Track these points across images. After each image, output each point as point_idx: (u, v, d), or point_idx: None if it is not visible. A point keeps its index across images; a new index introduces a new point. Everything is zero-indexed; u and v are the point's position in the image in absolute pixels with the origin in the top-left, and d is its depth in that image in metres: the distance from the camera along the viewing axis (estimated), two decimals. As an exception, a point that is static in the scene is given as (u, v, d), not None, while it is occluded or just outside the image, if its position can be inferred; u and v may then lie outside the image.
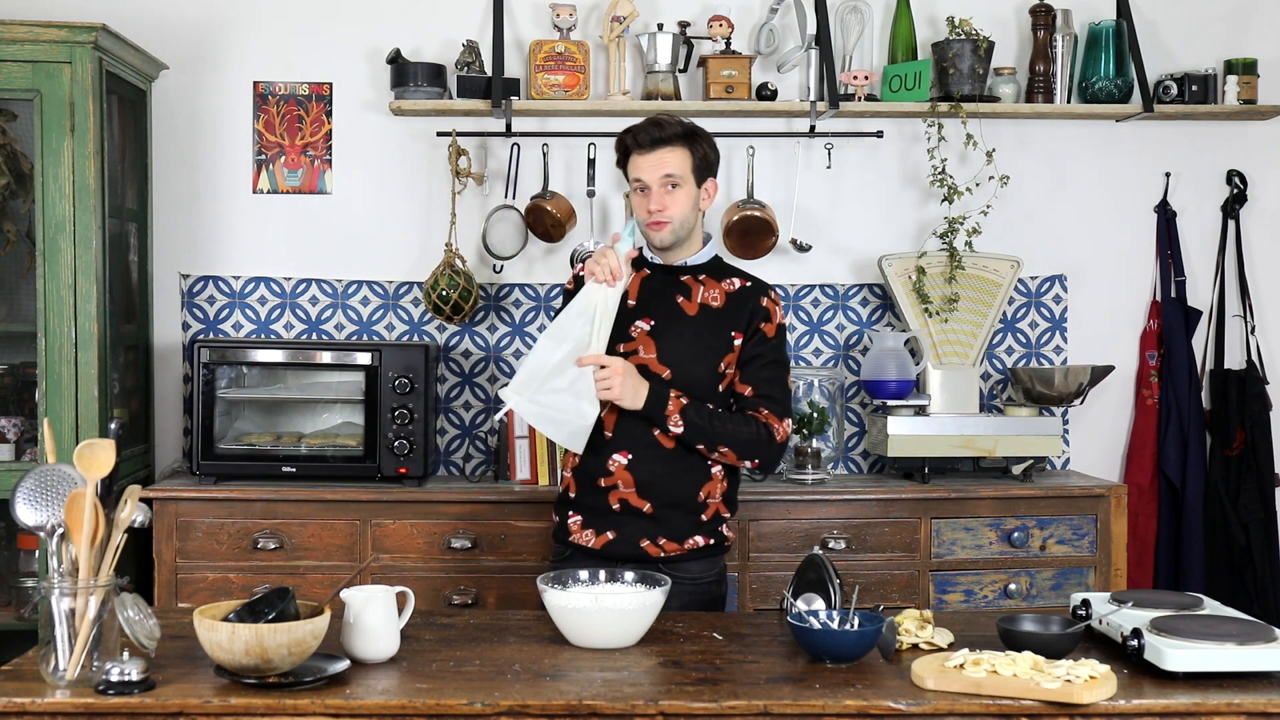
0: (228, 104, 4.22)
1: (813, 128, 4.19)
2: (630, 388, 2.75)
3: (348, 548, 3.74)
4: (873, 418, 4.18)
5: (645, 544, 2.82)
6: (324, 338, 4.24)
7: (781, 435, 2.84)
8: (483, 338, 4.27)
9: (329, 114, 4.24)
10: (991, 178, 4.24)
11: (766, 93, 4.17)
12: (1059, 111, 4.24)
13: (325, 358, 3.90)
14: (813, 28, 4.19)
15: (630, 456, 2.82)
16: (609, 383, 2.74)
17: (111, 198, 3.78)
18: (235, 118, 4.22)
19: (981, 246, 4.21)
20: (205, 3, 4.20)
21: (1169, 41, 4.37)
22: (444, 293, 4.02)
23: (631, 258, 2.83)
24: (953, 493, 3.88)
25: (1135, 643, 2.24)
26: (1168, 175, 4.39)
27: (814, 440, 4.04)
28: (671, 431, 2.79)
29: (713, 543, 2.88)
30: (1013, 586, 3.86)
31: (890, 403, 4.07)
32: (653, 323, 2.86)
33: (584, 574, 2.56)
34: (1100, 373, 4.15)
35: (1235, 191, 4.38)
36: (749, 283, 2.92)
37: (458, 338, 4.26)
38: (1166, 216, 4.39)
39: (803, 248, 4.22)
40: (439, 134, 4.16)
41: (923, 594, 3.83)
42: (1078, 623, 2.38)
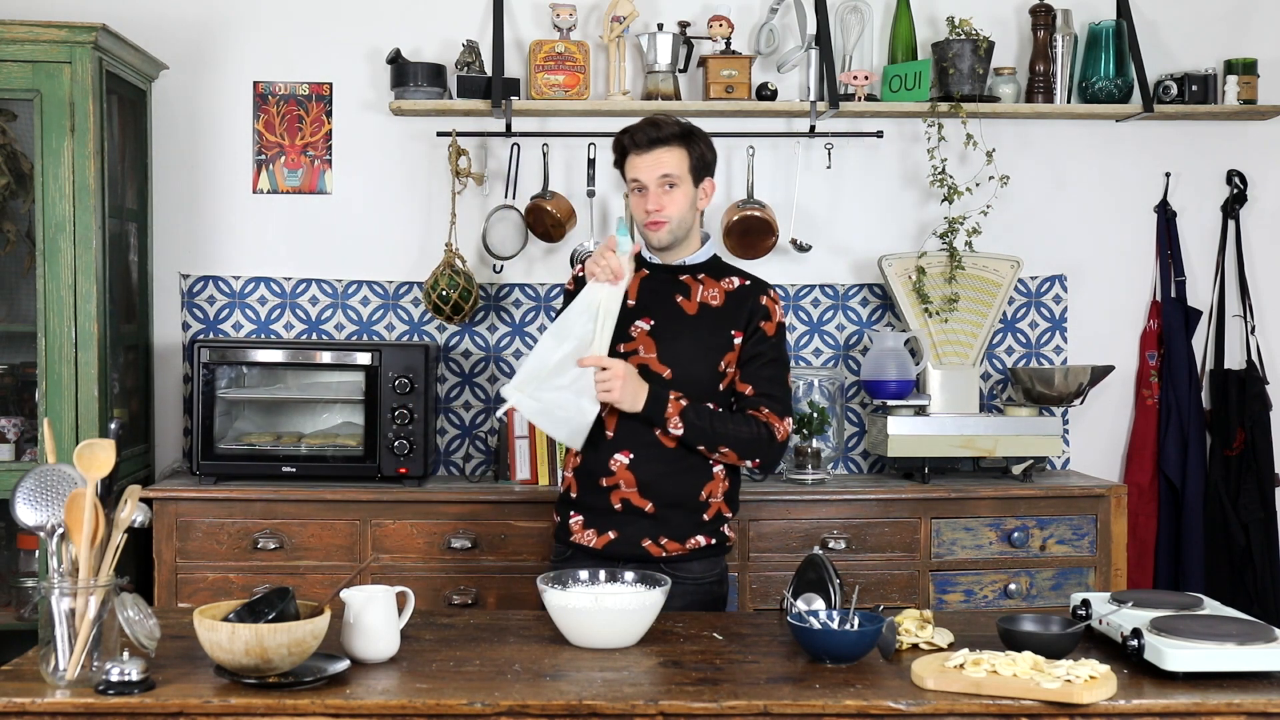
0: (228, 104, 4.22)
1: (813, 128, 4.19)
2: (630, 391, 2.75)
3: (348, 548, 3.74)
4: (873, 418, 4.18)
5: (647, 544, 2.82)
6: (324, 338, 4.24)
7: (782, 434, 2.84)
8: (483, 338, 4.27)
9: (329, 114, 4.24)
10: (991, 178, 4.24)
11: (766, 93, 4.17)
12: (1059, 111, 4.24)
13: (325, 358, 3.90)
14: (813, 28, 4.19)
15: (632, 456, 2.82)
16: (609, 385, 2.73)
17: (111, 198, 3.78)
18: (235, 118, 4.22)
19: (981, 246, 4.21)
20: (205, 3, 4.20)
21: (1169, 41, 4.37)
22: (444, 293, 4.02)
23: (634, 254, 2.83)
24: (953, 493, 3.88)
25: (1135, 643, 2.24)
26: (1168, 175, 4.39)
27: (814, 440, 4.04)
28: (671, 433, 2.79)
29: (714, 542, 2.87)
30: (1013, 586, 3.86)
31: (890, 403, 4.07)
32: (652, 322, 2.86)
33: (584, 574, 2.56)
34: (1100, 373, 4.15)
35: (1235, 191, 4.38)
36: (748, 281, 2.92)
37: (458, 338, 4.26)
38: (1166, 216, 4.39)
39: (803, 248, 4.22)
40: (439, 134, 4.16)
41: (923, 594, 3.83)
42: (1078, 623, 2.38)
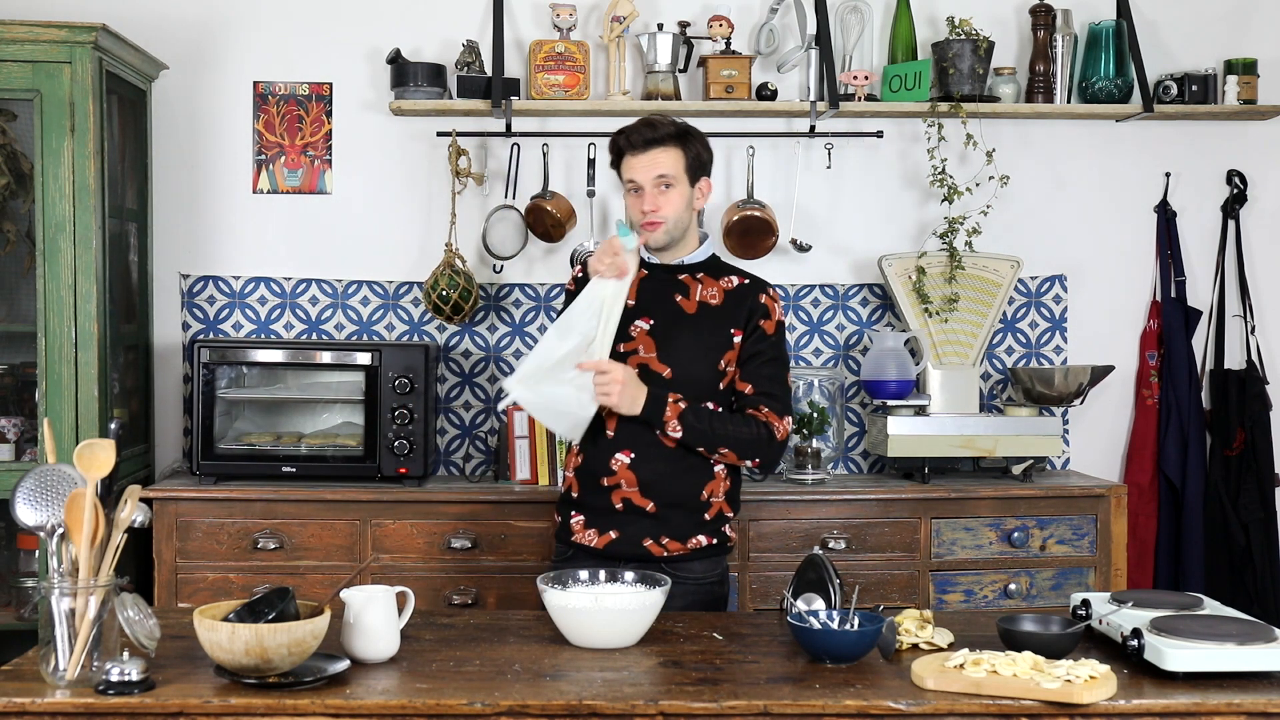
0: (228, 104, 4.22)
1: (813, 128, 4.19)
2: (629, 396, 2.75)
3: (348, 548, 3.74)
4: (873, 418, 4.18)
5: (648, 543, 2.82)
6: (324, 338, 4.24)
7: (782, 433, 2.84)
8: (483, 338, 4.27)
9: (329, 114, 4.24)
10: (991, 178, 4.24)
11: (766, 93, 4.17)
12: (1059, 111, 4.24)
13: (325, 358, 3.90)
14: (813, 28, 4.18)
15: (633, 455, 2.82)
16: (607, 390, 2.74)
17: (111, 198, 3.78)
18: (235, 118, 4.22)
19: (981, 246, 4.21)
20: (205, 3, 4.20)
21: (1169, 41, 4.37)
22: (444, 293, 4.02)
23: (640, 245, 2.82)
24: (953, 493, 3.88)
25: (1135, 643, 2.24)
26: (1168, 175, 4.39)
27: (814, 440, 4.04)
28: (670, 436, 2.79)
29: (715, 542, 2.87)
30: (1013, 586, 3.86)
31: (890, 403, 4.07)
32: (652, 322, 2.86)
33: (584, 574, 2.56)
34: (1100, 373, 4.15)
35: (1235, 191, 4.38)
36: (747, 280, 2.92)
37: (458, 338, 4.26)
38: (1166, 216, 4.39)
39: (803, 248, 4.22)
40: (439, 134, 4.16)
41: (923, 594, 3.83)
42: (1078, 623, 2.38)
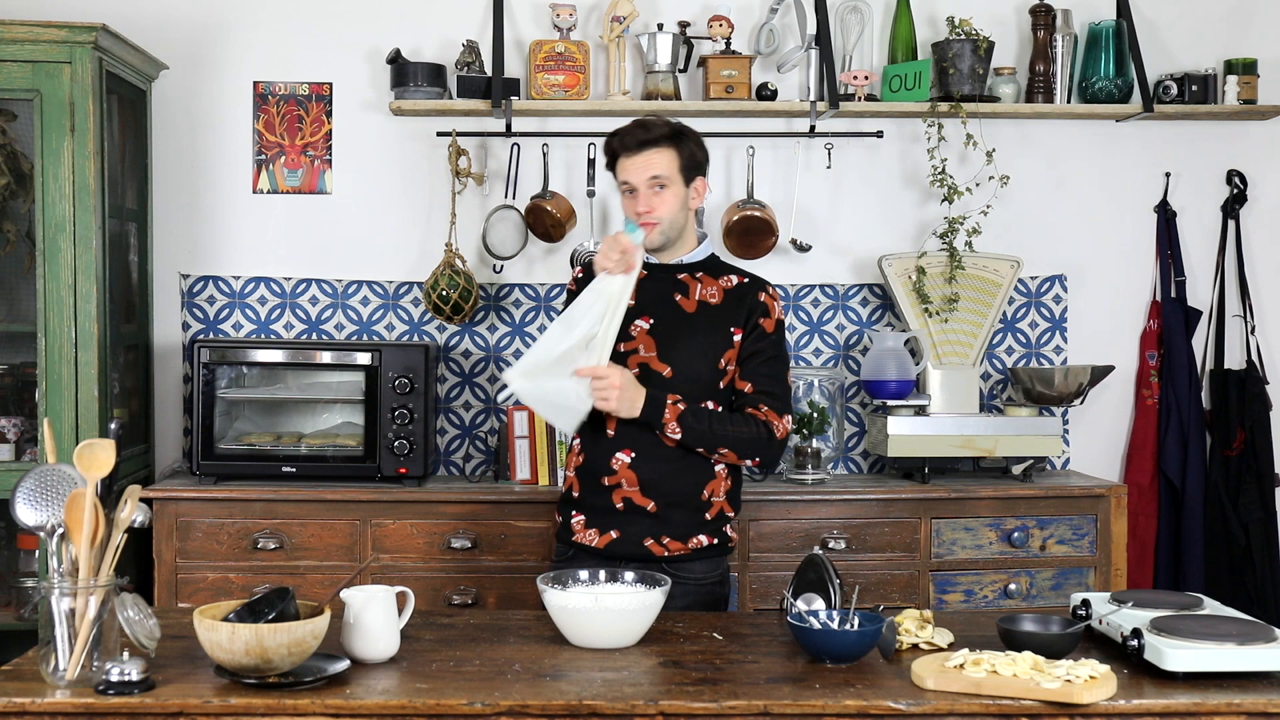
0: (228, 104, 4.22)
1: (813, 128, 4.19)
2: (627, 400, 2.75)
3: (348, 548, 3.74)
4: (873, 418, 4.18)
5: (649, 543, 2.82)
6: (324, 338, 4.24)
7: (781, 432, 2.84)
8: (483, 338, 4.27)
9: (329, 114, 4.24)
10: (991, 178, 4.24)
11: (766, 93, 4.17)
12: (1059, 111, 4.24)
13: (325, 358, 3.90)
14: (813, 28, 4.19)
15: (634, 454, 2.82)
16: (605, 394, 2.73)
17: (111, 198, 3.78)
18: (235, 118, 4.22)
19: (981, 246, 4.21)
20: (205, 3, 4.20)
21: (1169, 41, 4.37)
22: (444, 293, 4.02)
23: (646, 237, 2.82)
24: (953, 493, 3.88)
25: (1135, 643, 2.24)
26: (1168, 175, 4.39)
27: (814, 440, 4.04)
28: (670, 437, 2.79)
29: (716, 542, 2.87)
30: (1013, 586, 3.86)
31: (890, 403, 4.07)
32: (652, 321, 2.86)
33: (584, 574, 2.56)
34: (1100, 373, 4.15)
35: (1235, 191, 4.38)
36: (746, 279, 2.92)
37: (458, 338, 4.26)
38: (1166, 216, 4.39)
39: (803, 248, 4.22)
40: (439, 134, 4.16)
41: (923, 594, 3.83)
42: (1078, 623, 2.38)
